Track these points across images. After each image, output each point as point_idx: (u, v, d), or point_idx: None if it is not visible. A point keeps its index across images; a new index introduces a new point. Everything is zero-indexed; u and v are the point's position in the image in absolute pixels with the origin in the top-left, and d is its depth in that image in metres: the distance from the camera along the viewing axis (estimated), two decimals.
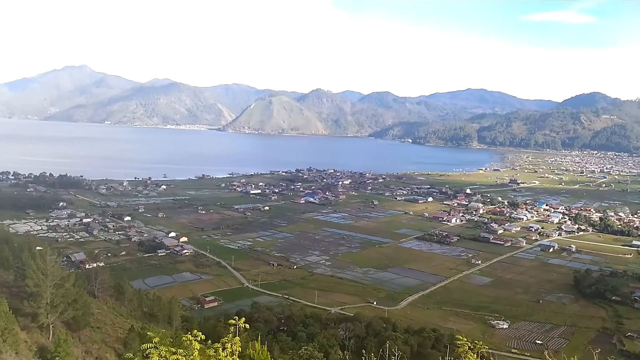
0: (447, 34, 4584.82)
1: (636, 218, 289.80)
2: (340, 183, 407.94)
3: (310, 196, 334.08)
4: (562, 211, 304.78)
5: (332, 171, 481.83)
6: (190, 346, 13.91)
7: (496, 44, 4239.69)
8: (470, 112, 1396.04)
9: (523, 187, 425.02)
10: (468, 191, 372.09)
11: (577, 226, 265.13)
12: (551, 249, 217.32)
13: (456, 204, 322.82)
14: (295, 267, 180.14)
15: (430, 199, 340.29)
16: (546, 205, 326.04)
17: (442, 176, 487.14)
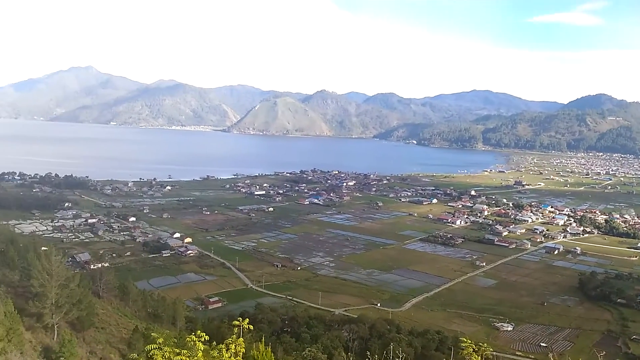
0: (452, 36, 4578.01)
1: None
2: (344, 184, 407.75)
3: (314, 197, 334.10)
4: (568, 213, 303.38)
5: (337, 172, 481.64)
6: (194, 347, 13.95)
7: (501, 46, 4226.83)
8: (475, 114, 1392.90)
9: (528, 189, 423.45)
10: (473, 193, 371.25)
11: (583, 228, 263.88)
12: (556, 251, 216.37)
13: (461, 206, 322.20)
14: (299, 269, 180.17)
15: (434, 201, 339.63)
16: (551, 207, 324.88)
17: (447, 178, 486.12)
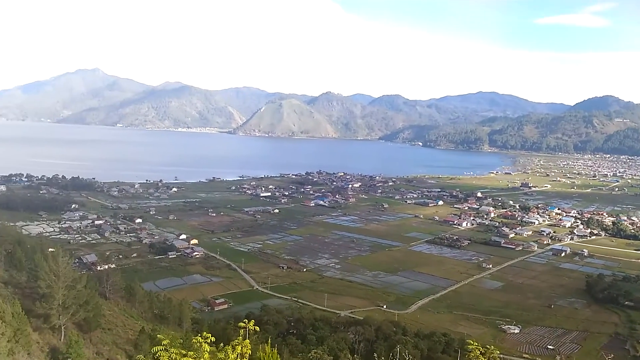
0: (458, 37, 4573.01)
1: None
2: (350, 186, 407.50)
3: (320, 199, 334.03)
4: (574, 215, 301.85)
5: (342, 174, 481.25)
6: (200, 348, 13.96)
7: (507, 47, 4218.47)
8: (481, 115, 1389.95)
9: (535, 191, 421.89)
10: (479, 195, 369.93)
11: (590, 230, 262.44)
12: (563, 254, 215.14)
13: (467, 208, 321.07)
14: (304, 270, 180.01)
15: (440, 203, 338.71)
16: (558, 209, 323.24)
17: (453, 179, 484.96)
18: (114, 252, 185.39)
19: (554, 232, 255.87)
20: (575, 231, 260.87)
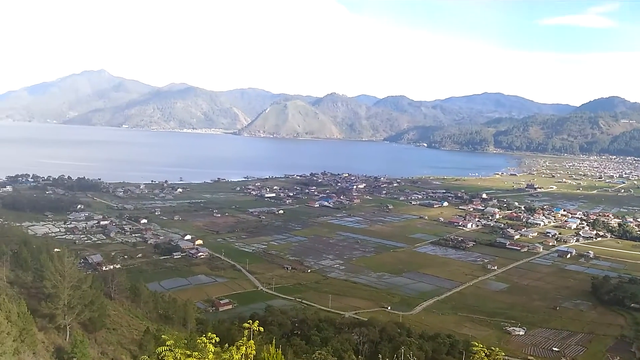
0: (463, 38, 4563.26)
1: None
2: (354, 187, 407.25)
3: (324, 200, 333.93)
4: (580, 217, 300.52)
5: (347, 175, 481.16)
6: (205, 349, 13.98)
7: (513, 48, 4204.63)
8: (486, 116, 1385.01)
9: (540, 192, 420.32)
10: (484, 196, 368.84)
11: (595, 232, 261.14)
12: (569, 255, 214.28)
13: (472, 209, 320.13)
14: (309, 271, 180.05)
15: (445, 204, 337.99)
16: (564, 210, 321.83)
17: (458, 181, 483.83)
18: (119, 253, 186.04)
19: (560, 234, 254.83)
20: (580, 233, 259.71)
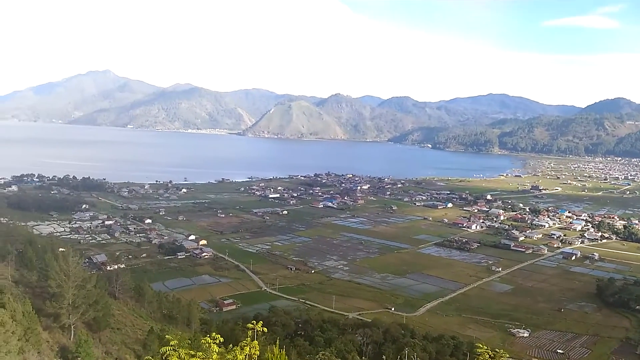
0: (468, 39, 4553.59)
1: None
2: (358, 188, 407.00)
3: (328, 201, 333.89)
4: (585, 218, 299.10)
5: (351, 176, 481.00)
6: (209, 349, 14.00)
7: (518, 49, 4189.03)
8: (491, 118, 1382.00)
9: (545, 194, 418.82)
10: (489, 197, 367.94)
11: (600, 234, 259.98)
12: (573, 257, 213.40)
13: (476, 210, 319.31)
14: (313, 272, 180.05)
15: (450, 205, 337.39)
16: (568, 212, 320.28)
17: (462, 182, 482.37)
18: (124, 252, 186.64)
19: (565, 236, 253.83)
20: (585, 234, 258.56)
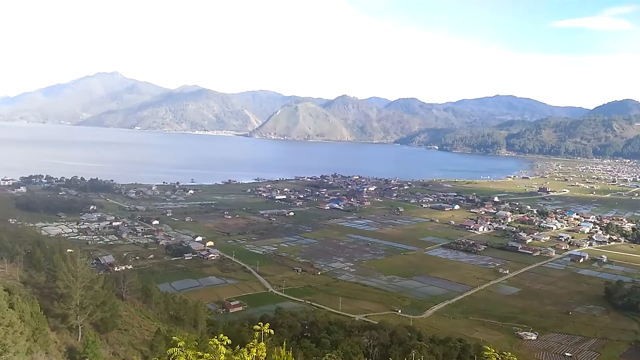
0: (475, 40, 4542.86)
1: None
2: (365, 189, 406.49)
3: (335, 202, 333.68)
4: (593, 221, 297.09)
5: (357, 177, 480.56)
6: (216, 350, 14.01)
7: (525, 51, 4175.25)
8: (498, 119, 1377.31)
9: (553, 196, 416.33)
10: (496, 199, 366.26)
11: (609, 236, 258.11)
12: (581, 259, 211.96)
13: (484, 212, 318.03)
14: (319, 273, 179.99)
15: (457, 207, 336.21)
16: (577, 214, 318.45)
17: (470, 184, 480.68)
18: (131, 254, 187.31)
19: (572, 238, 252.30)
20: (594, 237, 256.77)
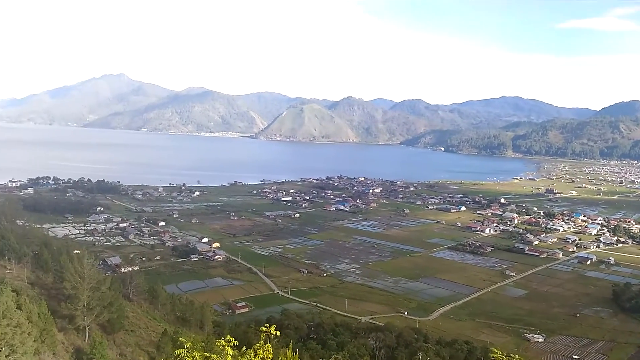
0: (481, 42, 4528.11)
1: None
2: (370, 191, 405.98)
3: (340, 204, 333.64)
4: (601, 222, 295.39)
5: (363, 179, 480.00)
6: (223, 351, 14.03)
7: (531, 52, 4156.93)
8: (504, 120, 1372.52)
9: (560, 197, 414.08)
10: (502, 201, 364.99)
11: (616, 238, 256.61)
12: (589, 261, 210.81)
13: (490, 214, 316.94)
14: (325, 275, 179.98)
15: (463, 208, 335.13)
16: (584, 216, 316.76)
17: (476, 185, 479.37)
18: (138, 255, 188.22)
19: (580, 240, 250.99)
20: (601, 239, 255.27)
